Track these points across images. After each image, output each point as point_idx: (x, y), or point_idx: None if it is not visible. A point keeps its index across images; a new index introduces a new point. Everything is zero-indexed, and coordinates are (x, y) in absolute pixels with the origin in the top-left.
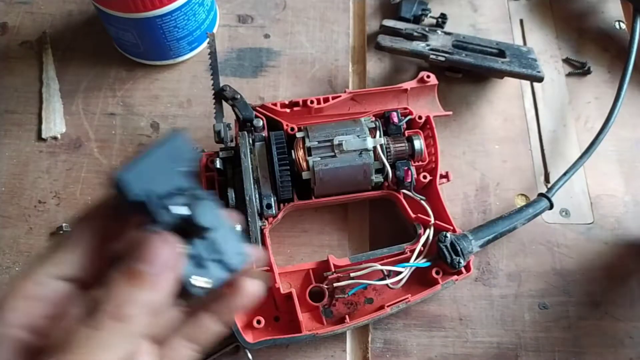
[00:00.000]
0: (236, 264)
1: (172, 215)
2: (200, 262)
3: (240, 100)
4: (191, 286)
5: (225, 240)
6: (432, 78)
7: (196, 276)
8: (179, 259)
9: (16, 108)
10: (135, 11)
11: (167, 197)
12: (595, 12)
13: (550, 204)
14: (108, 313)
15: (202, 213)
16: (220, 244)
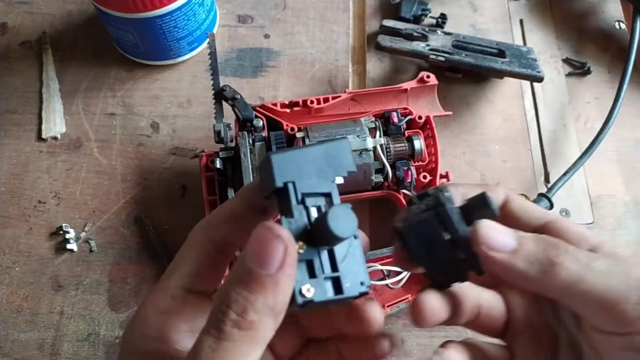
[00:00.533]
0: (350, 290)
1: (306, 213)
2: (313, 272)
3: (240, 100)
4: (300, 295)
5: (349, 259)
6: (432, 78)
7: (308, 285)
8: (295, 260)
9: (16, 108)
10: (135, 11)
11: (307, 195)
12: (595, 12)
13: (550, 204)
14: (230, 322)
15: (335, 221)
16: (342, 261)
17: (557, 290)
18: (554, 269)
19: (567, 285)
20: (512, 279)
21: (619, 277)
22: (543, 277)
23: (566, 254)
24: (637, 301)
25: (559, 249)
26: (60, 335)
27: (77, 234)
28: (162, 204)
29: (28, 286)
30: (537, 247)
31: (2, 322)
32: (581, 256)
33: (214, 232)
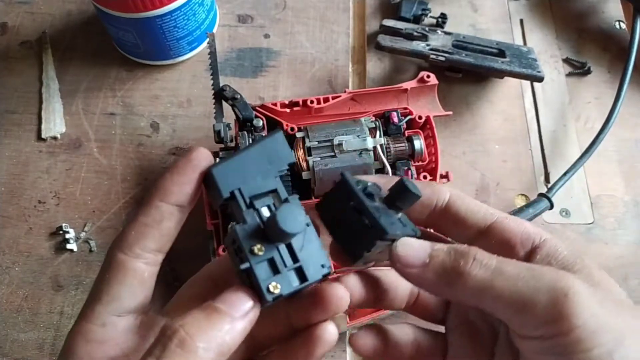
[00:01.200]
0: (313, 276)
1: (257, 215)
2: (276, 268)
3: (240, 100)
4: (268, 293)
5: (306, 247)
6: (432, 78)
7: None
8: (257, 312)
9: (16, 108)
10: (135, 11)
11: (255, 197)
12: (596, 12)
13: (550, 204)
14: (176, 340)
15: (284, 220)
16: (300, 250)
17: (469, 298)
18: (462, 278)
19: (476, 293)
20: (428, 290)
21: (528, 281)
22: (452, 287)
23: (474, 262)
24: (544, 306)
25: (467, 257)
26: (60, 335)
27: (77, 234)
28: None
29: (28, 286)
30: (447, 258)
31: (2, 322)
32: (490, 262)
33: (134, 250)
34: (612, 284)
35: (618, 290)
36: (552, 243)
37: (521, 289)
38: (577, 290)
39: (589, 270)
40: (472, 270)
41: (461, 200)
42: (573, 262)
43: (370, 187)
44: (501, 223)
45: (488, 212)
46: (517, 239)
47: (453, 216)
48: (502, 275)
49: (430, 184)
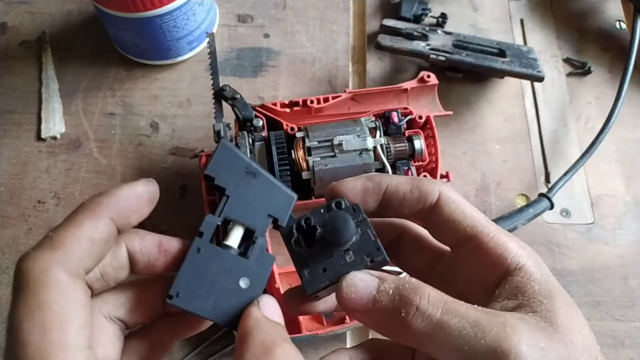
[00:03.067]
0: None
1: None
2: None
3: (240, 100)
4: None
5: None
6: (433, 78)
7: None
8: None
9: (15, 108)
10: (135, 11)
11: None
12: (596, 12)
13: (550, 204)
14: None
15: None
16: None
17: (410, 344)
18: (403, 329)
19: (417, 343)
20: (374, 330)
21: (469, 339)
22: (394, 334)
23: (416, 313)
24: None
25: (409, 307)
26: None
27: None
28: (162, 204)
29: None
30: (390, 305)
31: (2, 322)
32: (434, 314)
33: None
34: (575, 332)
35: (580, 339)
36: (527, 272)
37: (461, 347)
38: (519, 353)
39: (552, 315)
40: (414, 322)
41: (448, 205)
42: (539, 301)
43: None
44: (480, 240)
45: (470, 225)
46: (492, 261)
47: (438, 219)
48: (443, 331)
49: (419, 185)
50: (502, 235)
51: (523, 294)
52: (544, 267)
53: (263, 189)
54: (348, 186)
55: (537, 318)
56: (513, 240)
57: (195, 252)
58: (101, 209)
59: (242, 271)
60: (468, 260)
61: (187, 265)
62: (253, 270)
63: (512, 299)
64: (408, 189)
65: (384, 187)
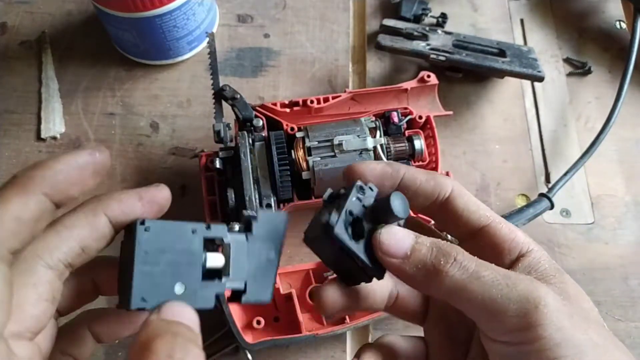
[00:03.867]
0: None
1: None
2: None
3: (240, 100)
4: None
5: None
6: (433, 78)
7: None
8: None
9: (15, 108)
10: (135, 11)
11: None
12: (596, 12)
13: (550, 204)
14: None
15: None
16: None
17: (444, 296)
18: (439, 277)
19: (451, 293)
20: (405, 281)
21: (502, 288)
22: (429, 283)
23: (454, 262)
24: (514, 314)
25: (447, 257)
26: None
27: None
28: None
29: None
30: (428, 254)
31: None
32: (469, 265)
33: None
34: (585, 300)
35: (589, 307)
36: (537, 254)
37: (494, 295)
38: (548, 302)
39: (565, 285)
40: (451, 271)
41: (461, 197)
42: (551, 275)
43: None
44: (494, 228)
45: (484, 215)
46: (506, 246)
47: (451, 212)
48: (478, 280)
49: (434, 176)
50: (510, 224)
51: (536, 270)
52: (547, 254)
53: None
54: (368, 167)
55: (553, 288)
56: (519, 229)
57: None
58: (33, 184)
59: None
60: (482, 248)
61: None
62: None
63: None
64: (424, 179)
65: (401, 174)
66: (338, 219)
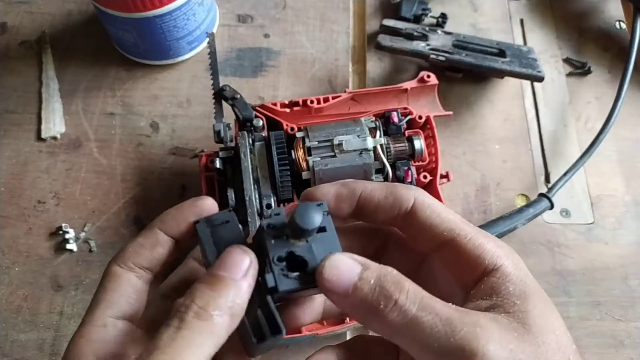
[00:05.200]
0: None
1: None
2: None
3: (240, 100)
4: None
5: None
6: (433, 78)
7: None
8: (256, 265)
9: (15, 108)
10: (135, 11)
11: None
12: (596, 12)
13: (550, 204)
14: (192, 313)
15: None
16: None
17: (383, 335)
18: (379, 319)
19: (388, 335)
20: (348, 315)
21: (439, 337)
22: (368, 323)
23: (394, 307)
24: None
25: (389, 299)
26: (60, 335)
27: (76, 234)
28: (162, 204)
29: (27, 286)
30: (370, 294)
31: (2, 322)
32: (410, 309)
33: (128, 264)
34: (548, 332)
35: (553, 339)
36: (504, 273)
37: (431, 344)
38: (486, 353)
39: (525, 315)
40: (389, 315)
41: (423, 211)
42: (513, 302)
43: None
44: (458, 243)
45: (448, 228)
46: (470, 263)
47: (414, 225)
48: (417, 327)
49: (393, 191)
50: (480, 236)
51: (498, 294)
52: (522, 267)
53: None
54: (323, 192)
55: (510, 319)
56: (491, 241)
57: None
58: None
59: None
60: (447, 263)
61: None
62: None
63: (487, 299)
64: (382, 195)
65: (358, 193)
66: (273, 274)
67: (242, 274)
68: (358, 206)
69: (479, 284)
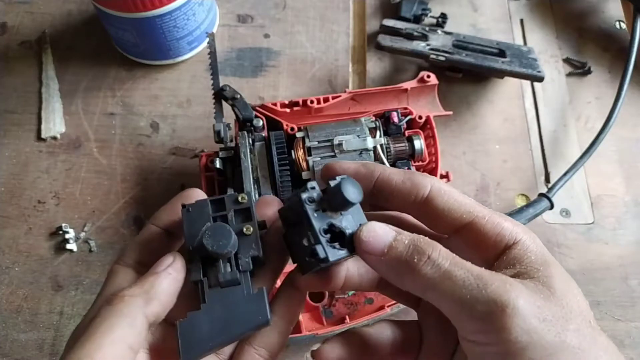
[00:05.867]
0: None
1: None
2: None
3: (240, 100)
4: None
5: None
6: (433, 78)
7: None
8: (178, 263)
9: (16, 108)
10: (135, 11)
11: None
12: (596, 12)
13: (550, 204)
14: (104, 303)
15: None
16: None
17: (416, 292)
18: (412, 274)
19: (423, 289)
20: (383, 276)
21: (472, 289)
22: (402, 279)
23: (427, 260)
24: (480, 316)
25: (422, 254)
26: (60, 335)
27: (76, 234)
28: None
29: (28, 286)
30: (404, 251)
31: (2, 322)
32: (443, 263)
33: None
34: (571, 296)
35: (575, 303)
36: (525, 245)
37: (463, 296)
38: (516, 305)
39: (549, 279)
40: (423, 269)
41: (440, 197)
42: (536, 269)
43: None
44: (477, 224)
45: (466, 211)
46: (490, 241)
47: (431, 211)
48: (449, 279)
49: (411, 177)
50: (496, 216)
51: (520, 263)
52: (539, 241)
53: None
54: (343, 166)
55: (536, 282)
56: (508, 220)
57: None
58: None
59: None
60: (467, 243)
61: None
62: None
63: (510, 268)
64: (400, 180)
65: (376, 175)
66: (322, 245)
67: (163, 267)
68: (375, 188)
69: (501, 257)
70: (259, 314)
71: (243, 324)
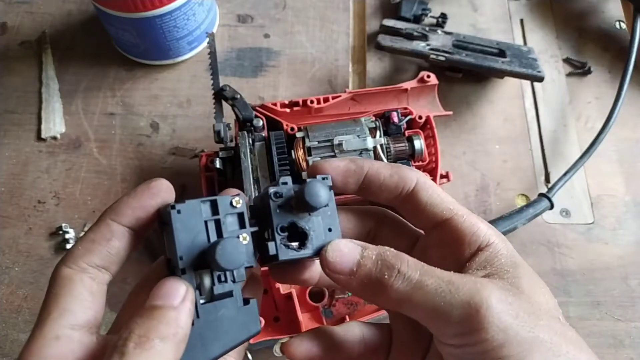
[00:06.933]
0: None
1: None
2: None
3: (240, 100)
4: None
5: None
6: (433, 78)
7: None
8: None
9: (16, 108)
10: (135, 11)
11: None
12: (596, 12)
13: (550, 204)
14: (132, 344)
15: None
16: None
17: (390, 307)
18: (385, 291)
19: (396, 304)
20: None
21: (445, 296)
22: (376, 297)
23: (397, 275)
24: (457, 320)
25: (392, 269)
26: None
27: (76, 234)
28: None
29: (28, 286)
30: (373, 269)
31: (2, 322)
32: (413, 276)
33: (79, 264)
34: (539, 294)
35: (543, 300)
36: (496, 248)
37: (437, 303)
38: (490, 304)
39: (517, 280)
40: (395, 284)
41: (425, 191)
42: (505, 270)
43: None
44: (456, 221)
45: (447, 208)
46: (466, 239)
47: (415, 204)
48: (421, 289)
49: (398, 170)
50: (473, 217)
51: (491, 265)
52: (510, 245)
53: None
54: (332, 165)
55: (504, 282)
56: (483, 222)
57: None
58: (103, 214)
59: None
60: (444, 240)
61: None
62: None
63: (481, 270)
64: (388, 174)
65: (365, 170)
66: (276, 243)
67: (180, 299)
68: (364, 183)
69: (472, 258)
70: (250, 324)
71: (235, 336)
